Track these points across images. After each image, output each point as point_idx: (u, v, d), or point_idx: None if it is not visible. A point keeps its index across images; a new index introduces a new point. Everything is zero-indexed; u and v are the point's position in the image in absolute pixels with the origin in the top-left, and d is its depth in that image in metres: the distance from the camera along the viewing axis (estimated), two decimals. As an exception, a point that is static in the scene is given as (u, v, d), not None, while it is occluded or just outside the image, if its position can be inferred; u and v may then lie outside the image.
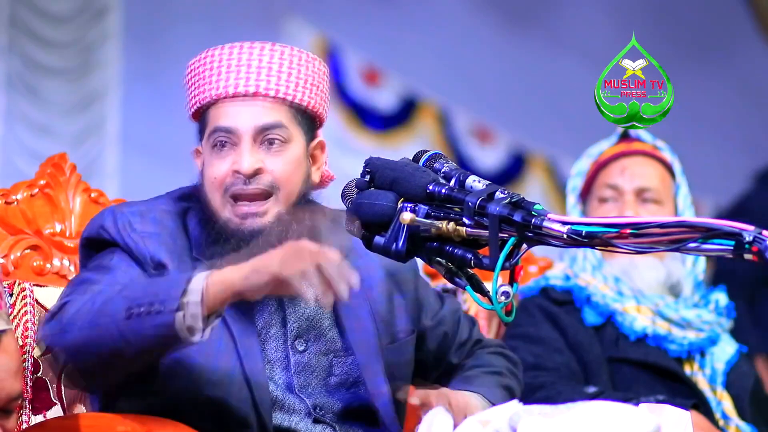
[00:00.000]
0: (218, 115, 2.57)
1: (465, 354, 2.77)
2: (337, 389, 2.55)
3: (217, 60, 2.59)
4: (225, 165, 2.55)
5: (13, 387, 2.03)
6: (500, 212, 2.14)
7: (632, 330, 3.34)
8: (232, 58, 2.58)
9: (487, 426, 2.13)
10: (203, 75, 2.60)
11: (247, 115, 2.56)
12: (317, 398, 2.53)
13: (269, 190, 2.55)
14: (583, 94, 3.38)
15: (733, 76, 9.45)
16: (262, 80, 2.57)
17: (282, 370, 2.53)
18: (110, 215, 2.55)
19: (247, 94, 2.56)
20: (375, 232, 2.27)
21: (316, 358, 2.55)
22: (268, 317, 2.55)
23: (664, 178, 3.48)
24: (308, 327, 2.57)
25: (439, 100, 8.58)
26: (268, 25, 7.68)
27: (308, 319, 2.58)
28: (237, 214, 2.53)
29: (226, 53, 2.59)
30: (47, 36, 7.11)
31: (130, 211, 2.55)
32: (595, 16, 9.00)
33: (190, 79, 2.64)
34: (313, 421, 2.51)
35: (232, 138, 2.56)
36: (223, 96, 2.57)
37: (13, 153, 6.99)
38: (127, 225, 2.52)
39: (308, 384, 2.53)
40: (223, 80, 2.57)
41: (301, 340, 2.56)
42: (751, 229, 1.99)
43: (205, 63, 2.61)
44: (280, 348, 2.54)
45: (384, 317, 2.65)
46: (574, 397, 2.99)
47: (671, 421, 2.27)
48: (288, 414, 2.50)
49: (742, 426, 3.31)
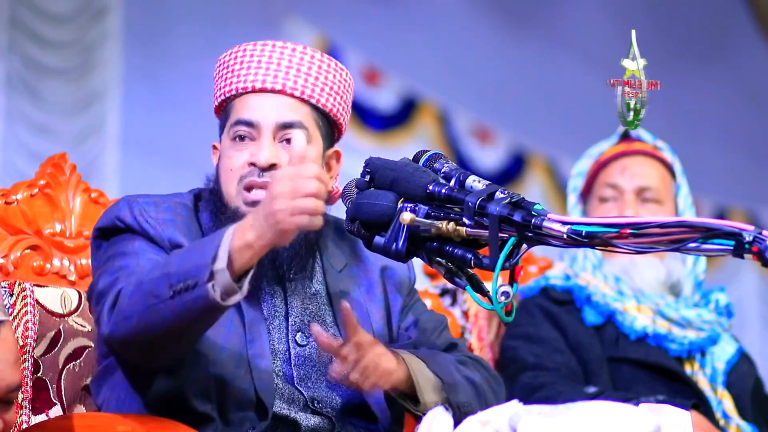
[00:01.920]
0: (241, 108, 2.60)
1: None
2: (336, 384, 2.56)
3: (247, 55, 2.63)
4: (242, 157, 2.58)
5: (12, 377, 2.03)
6: (500, 212, 2.14)
7: (632, 329, 3.34)
8: (263, 54, 2.62)
9: (487, 426, 2.13)
10: (231, 68, 2.63)
11: (270, 110, 2.59)
12: (316, 391, 2.54)
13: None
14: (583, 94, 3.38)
15: (734, 76, 9.45)
16: (288, 79, 2.60)
17: (283, 361, 2.55)
18: (125, 205, 2.56)
19: (273, 90, 2.60)
20: (375, 232, 2.27)
21: (316, 353, 2.57)
22: (273, 309, 2.58)
23: (665, 178, 3.49)
24: (310, 322, 2.59)
25: (439, 100, 8.59)
26: (268, 25, 7.68)
27: (310, 314, 2.60)
28: (247, 202, 2.55)
29: (258, 49, 2.63)
30: (47, 36, 7.11)
31: (144, 201, 2.57)
32: (595, 16, 9.00)
33: (219, 72, 2.67)
34: (311, 413, 2.52)
35: (252, 132, 2.58)
36: (249, 90, 2.60)
37: (13, 153, 7.00)
38: (143, 211, 2.54)
39: (308, 377, 2.55)
40: (251, 74, 2.60)
41: (302, 334, 2.58)
42: (751, 229, 1.99)
43: (235, 57, 2.64)
44: (282, 340, 2.56)
45: (382, 318, 2.66)
46: (574, 397, 2.99)
47: (671, 421, 2.27)
48: (287, 404, 2.52)
49: (743, 425, 3.31)
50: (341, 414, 2.55)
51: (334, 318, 2.62)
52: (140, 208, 2.55)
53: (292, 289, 2.59)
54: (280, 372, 2.53)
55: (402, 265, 2.73)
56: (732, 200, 9.44)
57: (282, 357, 2.55)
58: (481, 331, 3.40)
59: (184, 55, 7.07)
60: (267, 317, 2.56)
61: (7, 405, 2.05)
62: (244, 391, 2.48)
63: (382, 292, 2.69)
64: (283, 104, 2.59)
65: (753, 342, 8.24)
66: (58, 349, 2.72)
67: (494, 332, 3.45)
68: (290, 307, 2.59)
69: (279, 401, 2.51)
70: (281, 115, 2.58)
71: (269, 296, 2.58)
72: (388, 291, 2.70)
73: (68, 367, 2.73)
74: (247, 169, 2.56)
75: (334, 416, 2.54)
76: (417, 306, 2.76)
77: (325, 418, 2.53)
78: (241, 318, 2.52)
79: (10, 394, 2.05)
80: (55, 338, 2.72)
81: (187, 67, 7.10)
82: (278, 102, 2.59)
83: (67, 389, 2.73)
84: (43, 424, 2.58)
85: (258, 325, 2.53)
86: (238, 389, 2.47)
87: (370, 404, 2.56)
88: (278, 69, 2.60)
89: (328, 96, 2.62)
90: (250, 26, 7.51)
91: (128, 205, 2.55)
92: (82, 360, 2.75)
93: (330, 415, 2.53)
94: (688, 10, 9.31)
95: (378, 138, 8.19)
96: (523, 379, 3.24)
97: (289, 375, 2.54)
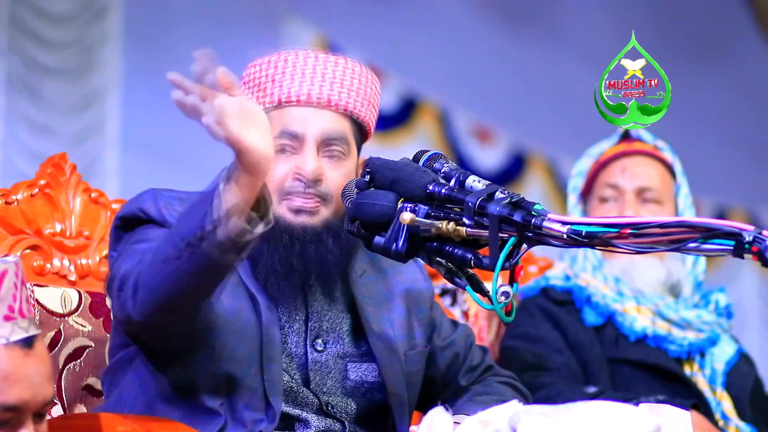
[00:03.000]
0: (285, 120, 2.57)
1: (475, 378, 2.77)
2: (352, 392, 2.57)
3: (290, 65, 2.59)
4: (284, 168, 2.55)
5: (47, 391, 2.05)
6: (500, 212, 2.14)
7: (632, 330, 3.34)
8: (306, 66, 2.58)
9: (487, 426, 2.13)
10: (272, 77, 2.60)
11: (317, 123, 2.56)
12: (331, 397, 2.55)
13: (324, 198, 2.55)
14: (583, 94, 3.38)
15: (734, 76, 9.45)
16: (333, 93, 2.57)
17: (299, 365, 2.55)
18: (150, 197, 2.55)
19: (319, 104, 2.57)
20: (375, 232, 2.27)
21: (333, 360, 2.57)
22: (293, 313, 2.58)
23: (665, 178, 3.48)
24: (328, 329, 2.59)
25: (439, 100, 8.59)
26: (268, 25, 7.68)
27: (329, 320, 2.61)
28: (291, 209, 2.54)
29: (301, 60, 2.59)
30: (47, 36, 7.11)
31: (169, 195, 2.56)
32: (595, 16, 9.00)
33: (254, 79, 2.62)
34: (324, 416, 2.53)
35: (295, 144, 2.56)
36: (293, 102, 2.57)
37: (13, 153, 7.00)
38: (168, 204, 2.52)
39: (324, 383, 2.56)
40: (296, 86, 2.57)
41: (320, 341, 2.58)
42: (751, 229, 1.99)
43: (276, 66, 2.60)
44: (300, 344, 2.57)
45: (403, 326, 2.66)
46: (574, 397, 2.98)
47: (671, 421, 2.26)
48: (300, 407, 2.52)
49: (742, 426, 3.31)
50: (354, 420, 2.56)
51: (353, 326, 2.62)
52: (166, 201, 2.53)
53: (312, 294, 2.59)
54: (296, 376, 2.54)
55: (418, 274, 2.74)
56: (732, 200, 9.44)
57: (299, 361, 2.55)
58: (481, 331, 3.40)
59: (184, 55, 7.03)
60: (286, 321, 2.56)
61: (41, 418, 2.06)
62: (253, 390, 2.48)
63: (402, 303, 2.69)
64: (327, 118, 2.57)
65: (753, 342, 8.25)
66: (59, 349, 2.72)
67: (494, 332, 3.45)
68: (310, 312, 2.59)
69: (291, 404, 2.51)
70: (327, 128, 2.56)
71: (291, 299, 2.57)
72: (411, 303, 2.70)
73: (68, 367, 2.73)
74: (292, 183, 2.54)
75: (346, 421, 2.54)
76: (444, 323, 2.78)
77: (336, 421, 2.54)
78: (258, 320, 2.52)
79: (45, 407, 2.06)
80: (55, 338, 2.72)
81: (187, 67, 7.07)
82: (322, 116, 2.57)
83: (68, 389, 2.73)
84: (43, 424, 2.58)
85: (272, 328, 2.52)
86: (248, 388, 2.47)
87: (393, 411, 2.57)
88: (323, 82, 2.58)
89: (367, 110, 2.62)
90: (251, 26, 7.51)
91: (153, 198, 2.54)
92: (82, 360, 2.75)
93: (342, 419, 2.54)
94: (688, 10, 9.31)
95: (378, 138, 8.19)
96: (523, 379, 3.23)
97: (305, 379, 2.55)
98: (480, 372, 2.78)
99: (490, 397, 2.68)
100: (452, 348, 2.76)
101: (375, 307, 2.63)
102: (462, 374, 2.76)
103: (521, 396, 2.75)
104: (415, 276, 2.73)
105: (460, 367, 2.76)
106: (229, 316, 2.49)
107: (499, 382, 2.77)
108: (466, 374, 2.76)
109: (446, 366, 2.74)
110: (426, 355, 2.70)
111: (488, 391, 2.73)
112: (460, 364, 2.76)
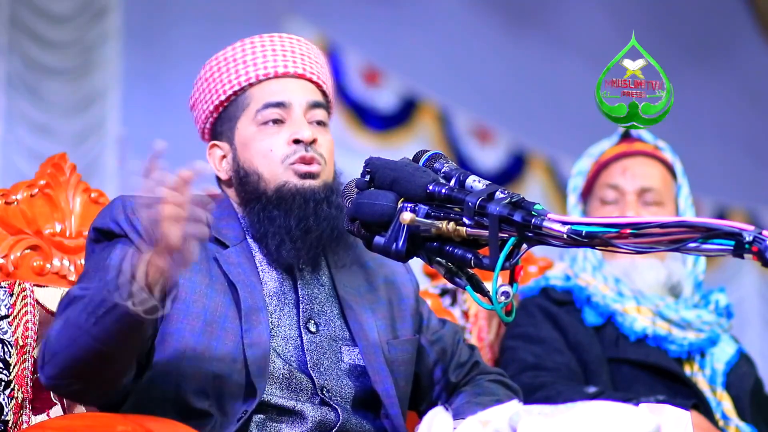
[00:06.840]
0: (266, 93, 2.69)
1: (464, 374, 2.79)
2: (347, 375, 2.59)
3: (258, 46, 2.72)
4: (280, 138, 2.66)
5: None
6: (500, 212, 2.14)
7: (632, 330, 3.34)
8: (274, 44, 2.72)
9: (487, 426, 2.13)
10: (242, 60, 2.71)
11: (300, 92, 2.69)
12: (326, 379, 2.56)
13: (323, 159, 2.67)
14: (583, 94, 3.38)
15: (734, 76, 9.46)
16: (306, 64, 2.72)
17: (295, 347, 2.57)
18: (119, 204, 2.56)
19: (295, 74, 2.71)
20: (375, 232, 2.27)
21: (327, 342, 2.61)
22: (283, 296, 2.61)
23: (666, 178, 3.48)
24: (319, 312, 2.63)
25: (439, 100, 8.59)
26: (268, 25, 7.67)
27: (319, 304, 2.65)
28: (298, 173, 2.63)
29: (267, 40, 2.73)
30: (47, 36, 7.11)
31: (138, 201, 2.56)
32: (595, 16, 9.00)
33: (223, 67, 2.72)
34: (319, 402, 2.53)
35: (283, 114, 2.67)
36: (271, 75, 2.69)
37: (13, 153, 6.99)
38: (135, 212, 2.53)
39: (320, 363, 2.58)
40: (271, 61, 2.70)
41: (313, 323, 2.61)
42: (751, 229, 1.99)
43: (243, 50, 2.72)
44: (294, 326, 2.60)
45: (385, 315, 2.69)
46: (574, 397, 2.98)
47: (671, 421, 2.26)
48: (294, 393, 2.53)
49: (742, 426, 3.31)
50: (349, 405, 2.57)
51: (341, 311, 2.65)
52: (132, 209, 2.54)
53: (301, 278, 2.64)
54: (292, 358, 2.56)
55: (401, 268, 2.76)
56: (732, 200, 9.45)
57: (293, 343, 2.58)
58: (481, 331, 3.40)
59: (184, 55, 7.06)
60: (276, 306, 2.59)
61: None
62: (240, 384, 2.49)
63: (384, 293, 2.73)
64: (306, 87, 2.71)
65: (753, 342, 8.24)
66: (58, 349, 2.72)
67: (494, 332, 3.45)
68: (300, 295, 2.63)
69: (286, 391, 2.53)
70: (310, 95, 2.70)
71: (278, 284, 2.61)
72: (392, 294, 2.74)
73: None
74: (291, 148, 2.64)
75: (341, 407, 2.55)
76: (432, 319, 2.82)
77: (331, 409, 2.54)
78: (238, 309, 2.53)
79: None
80: (55, 338, 2.72)
81: (187, 67, 7.08)
82: (302, 84, 2.71)
83: (67, 389, 2.73)
84: (43, 424, 2.58)
85: (257, 314, 2.54)
86: (235, 383, 2.49)
87: (381, 399, 2.57)
88: (294, 56, 2.72)
89: (329, 83, 2.77)
90: (250, 26, 7.50)
91: (123, 206, 2.56)
92: (82, 360, 2.75)
93: (336, 405, 2.55)
94: (689, 10, 9.32)
95: (378, 138, 8.19)
96: (523, 379, 3.24)
97: (302, 361, 2.57)
98: (468, 368, 2.80)
99: (488, 398, 2.69)
100: (440, 343, 2.79)
101: (356, 296, 2.67)
102: (451, 371, 2.79)
103: (511, 391, 2.79)
104: (396, 268, 2.77)
105: (448, 363, 2.78)
106: (208, 317, 2.52)
107: (489, 380, 2.79)
108: (455, 370, 2.79)
109: (433, 362, 2.77)
110: (415, 345, 2.72)
111: (482, 391, 2.74)
112: (448, 360, 2.79)
